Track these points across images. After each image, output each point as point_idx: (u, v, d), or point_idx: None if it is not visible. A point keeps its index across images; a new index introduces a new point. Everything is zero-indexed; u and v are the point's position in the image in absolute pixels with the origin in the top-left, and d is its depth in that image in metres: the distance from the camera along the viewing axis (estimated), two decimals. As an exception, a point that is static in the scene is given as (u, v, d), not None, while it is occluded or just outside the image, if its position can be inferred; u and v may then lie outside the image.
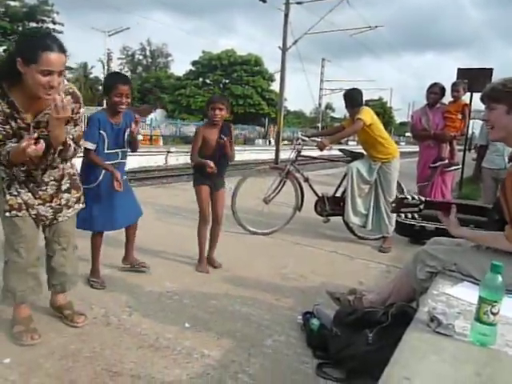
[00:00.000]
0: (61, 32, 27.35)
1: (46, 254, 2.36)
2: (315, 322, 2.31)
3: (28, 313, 2.26)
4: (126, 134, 2.88)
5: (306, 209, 4.62)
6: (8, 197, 2.12)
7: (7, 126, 1.96)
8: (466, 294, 1.72)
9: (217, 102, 3.20)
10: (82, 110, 2.17)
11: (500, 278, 1.36)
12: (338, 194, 4.60)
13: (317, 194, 4.58)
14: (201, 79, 37.32)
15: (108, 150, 2.83)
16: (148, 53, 48.90)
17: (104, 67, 33.49)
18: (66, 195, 2.29)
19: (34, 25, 26.54)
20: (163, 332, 2.34)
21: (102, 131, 2.78)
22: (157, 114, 29.56)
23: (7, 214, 2.12)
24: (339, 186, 4.63)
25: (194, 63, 37.41)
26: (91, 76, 38.63)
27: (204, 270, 3.34)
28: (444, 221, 2.08)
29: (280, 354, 2.21)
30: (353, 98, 4.21)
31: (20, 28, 26.13)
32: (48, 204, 2.22)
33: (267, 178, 4.75)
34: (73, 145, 2.13)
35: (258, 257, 3.80)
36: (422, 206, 2.07)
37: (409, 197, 2.07)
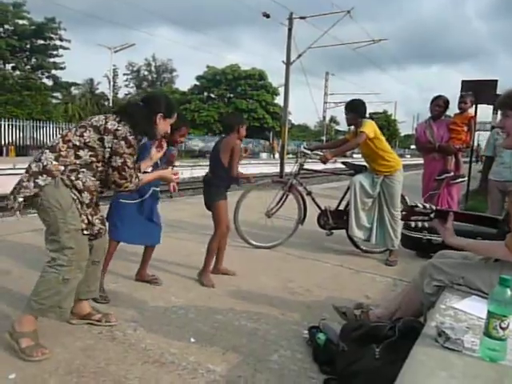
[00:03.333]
0: (67, 48, 27.84)
1: None
2: (321, 337, 2.29)
3: (36, 326, 2.24)
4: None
5: (311, 222, 4.61)
6: (83, 216, 2.24)
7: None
8: (475, 308, 1.69)
9: (244, 122, 3.55)
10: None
11: (509, 292, 1.34)
12: (341, 208, 4.58)
13: (319, 208, 4.57)
14: (205, 94, 37.61)
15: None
16: (153, 68, 49.44)
17: (110, 83, 33.79)
18: (100, 212, 2.47)
19: (41, 42, 27.00)
20: (168, 347, 2.32)
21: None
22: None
23: (85, 232, 2.25)
24: (342, 199, 4.62)
25: (198, 78, 37.74)
26: (97, 92, 39.06)
27: (210, 283, 3.34)
28: (440, 229, 2.07)
29: (286, 370, 2.18)
30: (354, 105, 4.19)
31: (28, 46, 26.60)
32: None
33: (270, 192, 4.75)
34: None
35: (264, 271, 3.78)
36: (432, 215, 2.05)
37: (419, 205, 2.06)
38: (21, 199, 2.13)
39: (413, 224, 2.07)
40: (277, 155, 28.36)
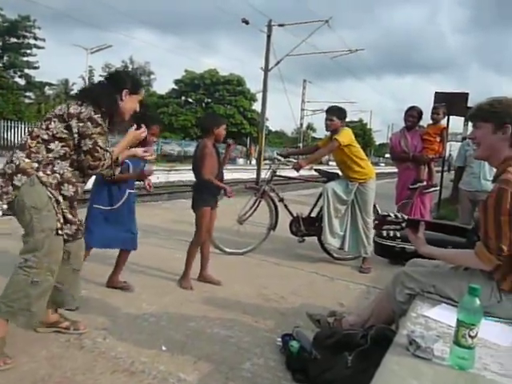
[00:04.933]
0: (42, 47, 27.24)
1: None
2: (295, 345, 2.28)
3: (4, 334, 2.14)
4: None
5: (285, 228, 4.61)
6: (59, 215, 2.15)
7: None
8: (445, 316, 1.72)
9: (224, 121, 3.50)
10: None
11: (477, 301, 1.36)
12: (313, 215, 4.61)
13: (292, 214, 4.58)
14: (183, 98, 37.41)
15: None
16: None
17: (85, 84, 33.27)
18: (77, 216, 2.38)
19: (14, 40, 26.36)
20: (139, 356, 2.27)
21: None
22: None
23: (59, 231, 2.15)
24: (314, 206, 4.65)
25: (176, 82, 37.53)
26: (72, 92, 38.34)
27: (189, 285, 3.34)
28: (411, 239, 2.10)
29: (259, 378, 2.16)
30: (340, 111, 4.21)
31: (0, 43, 25.91)
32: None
33: (243, 198, 4.73)
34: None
35: (238, 277, 3.76)
36: (404, 224, 2.08)
37: (391, 214, 2.09)
38: (5, 206, 2.08)
39: (385, 232, 2.08)
40: (254, 161, 28.39)
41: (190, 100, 37.43)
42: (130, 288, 3.20)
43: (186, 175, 17.76)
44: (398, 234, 2.07)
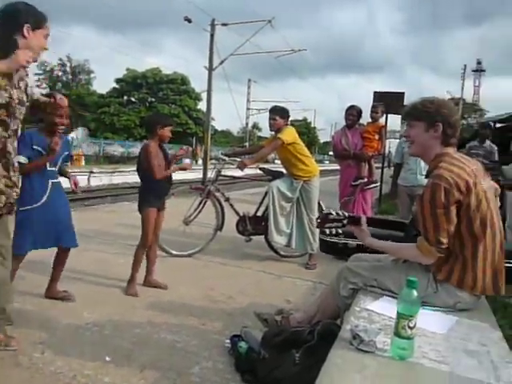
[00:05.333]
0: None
1: None
2: (243, 346, 2.27)
3: None
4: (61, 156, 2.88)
5: (231, 228, 4.59)
6: None
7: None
8: (386, 308, 1.78)
9: (171, 123, 3.41)
10: None
11: (415, 293, 1.41)
12: (259, 214, 4.63)
13: (238, 214, 4.58)
14: (125, 97, 36.33)
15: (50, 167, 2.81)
16: (68, 69, 46.79)
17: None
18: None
19: None
20: (81, 368, 2.16)
21: (36, 147, 2.70)
22: (78, 133, 28.21)
23: None
24: (260, 204, 4.66)
25: (117, 81, 36.37)
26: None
27: (134, 291, 3.23)
28: (355, 231, 2.16)
29: (208, 382, 2.14)
30: (283, 110, 4.28)
31: None
32: None
33: (187, 199, 4.67)
34: None
35: (184, 279, 3.69)
36: (345, 221, 2.13)
37: (333, 212, 2.13)
38: None
39: (327, 230, 2.12)
40: (200, 161, 28.15)
41: (133, 99, 36.44)
42: (70, 298, 3.02)
43: (131, 177, 17.28)
44: (341, 231, 2.12)
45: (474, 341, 1.60)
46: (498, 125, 10.74)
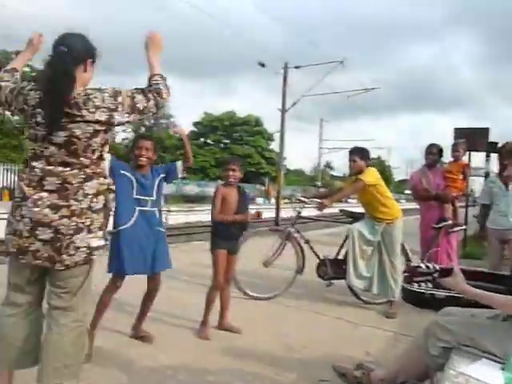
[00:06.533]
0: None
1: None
2: (321, 402, 2.12)
3: None
4: (155, 186, 2.96)
5: (310, 271, 4.46)
6: None
7: None
8: (487, 374, 1.57)
9: (231, 163, 3.37)
10: None
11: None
12: (340, 257, 4.45)
13: (318, 257, 4.44)
14: (202, 139, 38.19)
15: (137, 195, 2.88)
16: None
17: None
18: None
19: None
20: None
21: (127, 173, 2.85)
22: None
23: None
24: (341, 247, 4.49)
25: (195, 124, 38.45)
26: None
27: (206, 335, 3.20)
28: (450, 282, 1.92)
29: None
30: (364, 151, 4.19)
31: None
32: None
33: (267, 239, 4.63)
34: None
35: (259, 323, 3.61)
36: (436, 275, 1.94)
37: (422, 265, 1.96)
38: None
39: (416, 284, 1.94)
40: (272, 200, 28.39)
41: (209, 141, 38.16)
42: (150, 340, 3.04)
43: (205, 216, 17.80)
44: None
45: None
46: None
